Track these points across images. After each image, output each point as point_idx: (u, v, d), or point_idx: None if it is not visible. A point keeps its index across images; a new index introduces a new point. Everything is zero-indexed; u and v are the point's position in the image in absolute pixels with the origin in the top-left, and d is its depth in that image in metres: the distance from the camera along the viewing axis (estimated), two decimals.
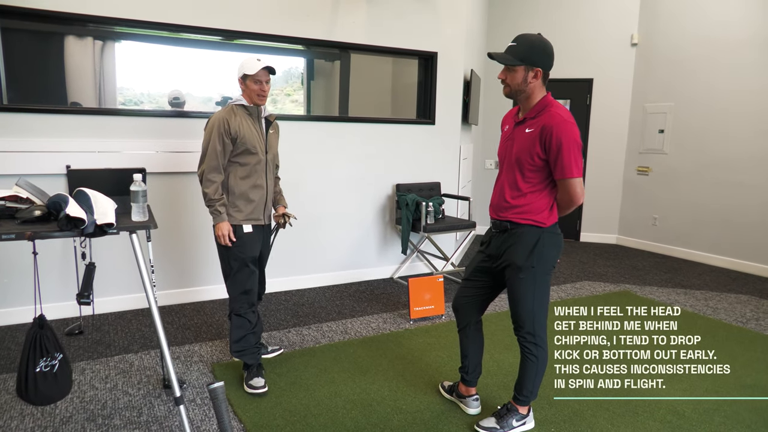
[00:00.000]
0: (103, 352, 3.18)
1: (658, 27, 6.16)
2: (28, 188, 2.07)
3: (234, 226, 2.72)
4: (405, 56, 4.94)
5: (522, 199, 2.22)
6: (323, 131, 4.49)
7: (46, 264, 3.55)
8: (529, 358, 2.34)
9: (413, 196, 4.64)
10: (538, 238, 2.22)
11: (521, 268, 2.23)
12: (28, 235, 1.78)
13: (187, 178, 3.93)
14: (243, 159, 2.72)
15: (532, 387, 2.38)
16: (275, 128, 2.93)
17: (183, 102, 4.20)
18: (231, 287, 2.79)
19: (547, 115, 2.13)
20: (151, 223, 2.06)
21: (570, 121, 2.12)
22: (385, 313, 3.98)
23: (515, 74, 2.17)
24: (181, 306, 4.01)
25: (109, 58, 3.98)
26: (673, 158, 6.10)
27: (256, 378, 2.76)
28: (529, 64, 2.14)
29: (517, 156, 2.21)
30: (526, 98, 2.21)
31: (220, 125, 2.64)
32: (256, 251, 2.82)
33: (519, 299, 2.28)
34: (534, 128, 2.15)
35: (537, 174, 2.19)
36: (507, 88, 2.22)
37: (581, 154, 2.14)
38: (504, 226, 2.28)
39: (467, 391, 2.62)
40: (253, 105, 2.75)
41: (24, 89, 3.61)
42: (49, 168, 3.44)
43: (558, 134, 2.07)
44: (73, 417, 2.48)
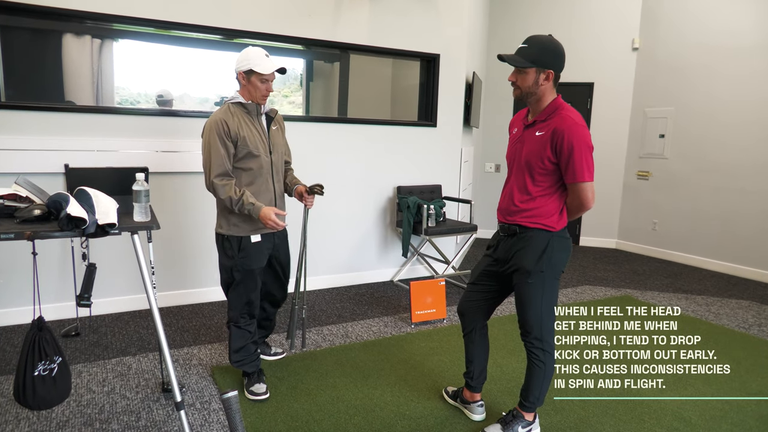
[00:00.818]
0: (101, 355, 3.13)
1: (659, 32, 6.16)
2: (28, 187, 2.03)
3: (240, 237, 2.57)
4: (407, 58, 4.91)
5: (532, 203, 2.19)
6: (322, 132, 4.45)
7: (45, 264, 3.50)
8: (536, 364, 2.30)
9: (414, 198, 4.60)
10: (548, 242, 2.18)
11: (530, 272, 2.19)
12: (28, 234, 1.73)
13: (186, 177, 3.88)
14: (245, 164, 2.52)
15: (539, 393, 2.34)
16: (278, 123, 2.72)
17: (170, 101, 4.15)
18: (232, 297, 2.66)
19: (559, 118, 2.09)
20: (153, 224, 2.01)
21: (581, 124, 2.08)
22: (386, 317, 3.94)
23: (526, 76, 2.13)
24: (179, 308, 3.95)
25: (107, 56, 3.93)
26: (674, 163, 6.10)
27: (258, 384, 2.70)
28: (541, 66, 2.10)
29: (527, 159, 2.17)
30: (536, 101, 2.17)
31: (219, 128, 2.44)
32: (262, 262, 2.65)
33: (527, 304, 2.24)
34: (545, 131, 2.11)
35: (547, 178, 2.15)
36: (517, 90, 2.17)
37: (592, 158, 2.10)
38: (513, 230, 2.24)
39: (472, 396, 2.58)
40: (251, 102, 2.55)
41: (22, 87, 3.55)
42: (47, 166, 3.39)
43: (570, 138, 2.03)
44: (70, 421, 2.42)
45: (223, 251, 2.63)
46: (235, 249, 2.58)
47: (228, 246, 2.60)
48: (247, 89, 2.54)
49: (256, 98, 2.55)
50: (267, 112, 2.65)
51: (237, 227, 2.57)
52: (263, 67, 2.47)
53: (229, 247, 2.59)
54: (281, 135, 2.74)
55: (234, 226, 2.57)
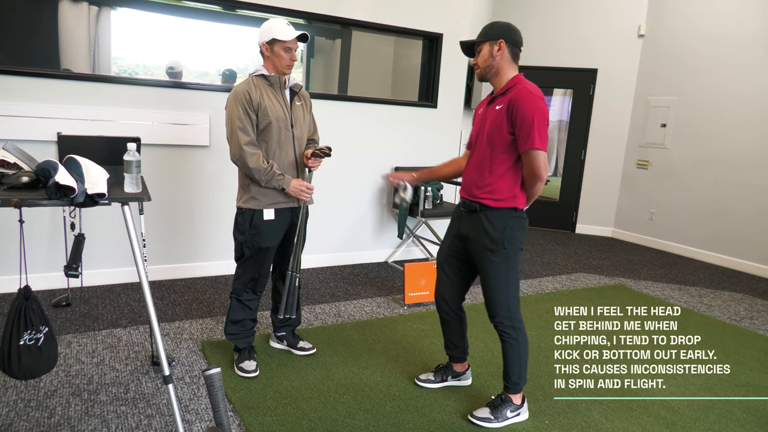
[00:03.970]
0: (91, 326, 3.11)
1: (666, 19, 6.07)
2: (16, 153, 1.98)
3: (253, 211, 2.54)
4: (410, 36, 4.83)
5: (493, 180, 2.23)
6: (322, 109, 4.35)
7: (34, 233, 3.46)
8: (509, 342, 2.34)
9: None
10: (508, 220, 2.24)
11: (493, 250, 2.24)
12: (15, 201, 1.69)
13: (183, 151, 3.83)
14: (267, 135, 2.49)
15: (519, 371, 2.38)
16: (303, 99, 2.66)
17: (179, 72, 4.08)
18: (239, 271, 2.66)
19: (516, 90, 2.15)
20: (144, 195, 1.97)
21: (538, 95, 2.13)
22: (379, 297, 3.93)
23: (482, 53, 2.24)
24: (172, 282, 3.93)
25: (105, 25, 3.84)
26: (674, 153, 6.06)
27: (248, 361, 2.69)
28: (492, 39, 2.20)
29: (489, 134, 2.22)
30: (495, 74, 2.23)
31: (241, 98, 2.42)
32: (275, 240, 2.62)
33: (494, 283, 2.29)
34: (503, 104, 2.17)
35: (508, 155, 2.19)
36: (478, 69, 2.27)
37: (546, 129, 2.14)
38: (474, 207, 2.29)
39: (462, 367, 2.68)
40: (275, 74, 2.51)
41: (14, 51, 3.47)
42: (38, 134, 3.33)
43: (524, 106, 2.09)
44: (58, 390, 2.41)
45: (236, 225, 2.63)
46: (247, 225, 2.56)
47: (241, 221, 2.59)
48: (271, 61, 2.51)
49: (280, 69, 2.51)
50: (291, 86, 2.61)
51: (255, 200, 2.53)
52: (285, 34, 2.43)
53: (242, 222, 2.58)
54: (305, 111, 2.68)
55: (252, 199, 2.54)
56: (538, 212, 7.03)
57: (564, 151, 6.90)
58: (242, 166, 2.48)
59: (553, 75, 6.66)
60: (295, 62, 2.52)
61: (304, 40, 2.51)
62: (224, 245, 3.98)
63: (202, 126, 3.81)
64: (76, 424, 2.19)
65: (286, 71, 2.53)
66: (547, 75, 6.68)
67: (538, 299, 4.12)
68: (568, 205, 6.89)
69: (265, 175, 2.46)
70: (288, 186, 2.50)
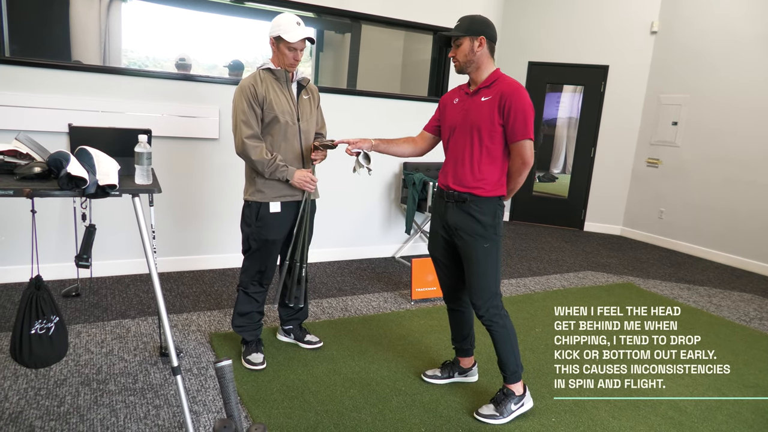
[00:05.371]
0: (100, 316, 3.14)
1: (679, 16, 6.00)
2: (29, 143, 1.99)
3: (260, 204, 2.56)
4: (420, 30, 4.80)
5: (482, 170, 2.27)
6: (330, 103, 4.36)
7: (45, 223, 3.49)
8: (498, 330, 2.37)
9: (420, 175, 4.55)
10: (496, 208, 2.30)
11: (485, 236, 2.29)
12: (27, 192, 1.70)
13: (192, 143, 3.84)
14: (272, 129, 2.51)
15: (514, 358, 2.40)
16: (310, 93, 2.68)
17: (189, 65, 4.09)
18: (246, 263, 2.68)
19: (504, 84, 2.23)
20: (155, 187, 1.98)
21: (524, 89, 2.23)
22: (386, 293, 3.93)
23: (462, 47, 2.26)
24: (180, 274, 3.96)
25: (115, 17, 3.86)
26: (685, 152, 6.00)
27: (255, 353, 2.71)
28: (473, 34, 2.24)
29: (476, 124, 2.25)
30: (476, 69, 2.28)
31: (246, 92, 2.45)
32: (281, 233, 2.63)
33: (484, 268, 2.31)
34: (491, 96, 2.22)
35: (495, 145, 2.24)
36: (457, 62, 2.30)
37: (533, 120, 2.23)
38: (463, 197, 2.31)
39: (470, 362, 2.69)
40: (281, 68, 2.54)
41: (27, 42, 3.49)
42: (50, 125, 3.35)
43: (516, 100, 2.17)
44: (68, 380, 2.44)
45: (243, 218, 2.65)
46: (253, 217, 2.58)
47: (248, 213, 2.61)
48: (276, 56, 2.54)
49: (284, 65, 2.54)
50: (299, 80, 2.62)
51: (261, 193, 2.55)
52: (291, 36, 2.44)
53: (249, 215, 2.60)
54: (312, 104, 2.70)
55: (258, 192, 2.56)
56: (547, 209, 7.02)
57: (573, 148, 6.85)
58: (246, 158, 2.52)
59: (563, 71, 6.61)
60: (299, 61, 2.56)
61: (311, 42, 2.53)
62: (233, 238, 3.99)
63: (212, 119, 3.82)
64: (85, 413, 2.22)
65: (290, 69, 2.55)
66: (557, 71, 6.64)
67: (545, 297, 4.10)
68: (576, 203, 6.85)
69: (269, 167, 2.48)
70: (292, 177, 2.53)
